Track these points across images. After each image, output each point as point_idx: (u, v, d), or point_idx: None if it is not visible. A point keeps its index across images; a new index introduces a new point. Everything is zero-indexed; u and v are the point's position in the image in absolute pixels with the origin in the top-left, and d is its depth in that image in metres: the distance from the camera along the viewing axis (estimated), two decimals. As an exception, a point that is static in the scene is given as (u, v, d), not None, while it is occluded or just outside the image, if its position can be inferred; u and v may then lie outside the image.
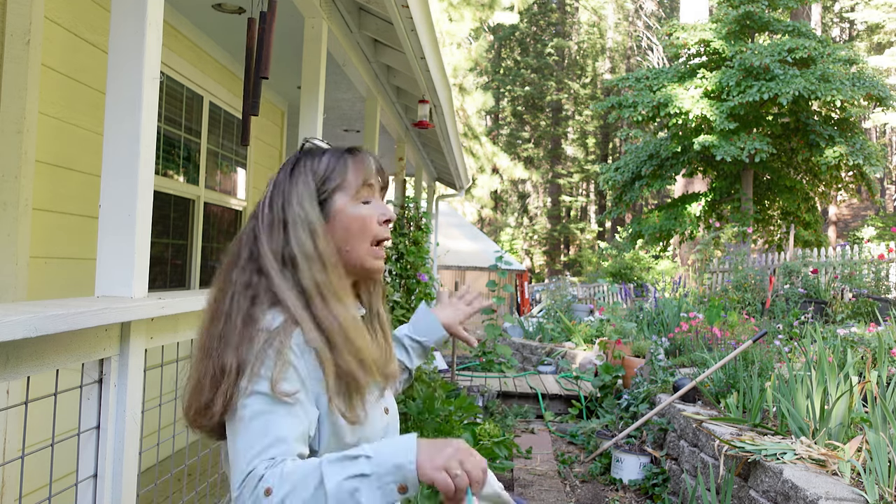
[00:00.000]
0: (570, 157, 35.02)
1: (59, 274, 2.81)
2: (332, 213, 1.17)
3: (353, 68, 4.31)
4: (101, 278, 1.66)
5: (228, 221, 4.94)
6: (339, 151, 1.21)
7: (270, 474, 0.94)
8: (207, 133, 4.42)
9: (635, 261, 15.45)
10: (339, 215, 1.17)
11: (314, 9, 3.31)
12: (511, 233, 32.44)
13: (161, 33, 1.77)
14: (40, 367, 1.33)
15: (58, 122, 2.74)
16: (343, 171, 1.18)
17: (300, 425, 1.02)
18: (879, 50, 24.54)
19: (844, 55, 12.35)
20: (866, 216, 25.46)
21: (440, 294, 1.62)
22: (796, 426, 3.16)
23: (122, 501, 1.56)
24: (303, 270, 1.11)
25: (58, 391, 1.47)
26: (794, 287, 6.93)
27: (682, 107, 12.21)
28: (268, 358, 1.03)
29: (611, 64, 35.01)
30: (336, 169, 1.18)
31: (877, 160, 12.00)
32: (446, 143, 7.20)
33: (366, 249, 1.17)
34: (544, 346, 9.30)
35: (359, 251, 1.17)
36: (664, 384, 4.76)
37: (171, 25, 3.73)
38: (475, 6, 17.76)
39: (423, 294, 4.76)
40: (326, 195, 1.17)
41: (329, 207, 1.17)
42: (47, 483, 1.44)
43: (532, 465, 4.72)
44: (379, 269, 1.20)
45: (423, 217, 4.85)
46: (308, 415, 1.04)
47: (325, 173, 1.18)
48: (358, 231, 1.17)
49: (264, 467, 0.96)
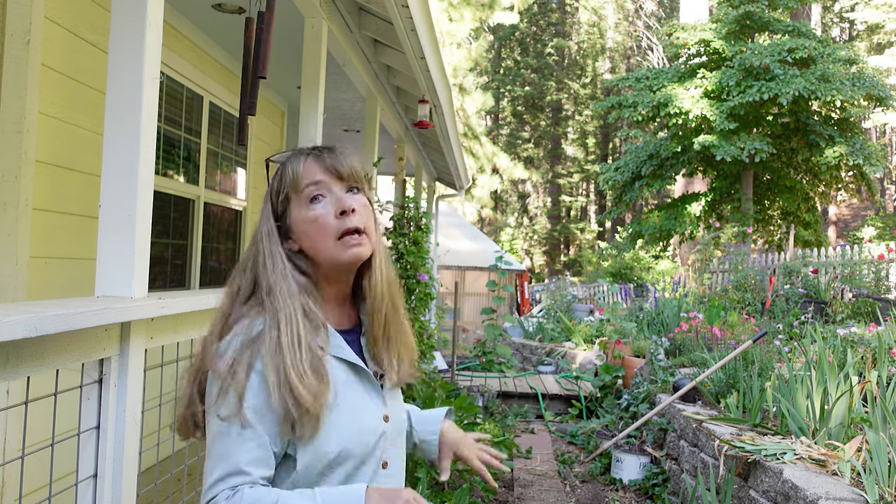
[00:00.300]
0: (570, 157, 35.01)
1: (59, 274, 2.81)
2: (291, 224, 1.16)
3: (353, 68, 4.31)
4: (101, 278, 1.66)
5: (228, 221, 4.94)
6: (285, 162, 1.19)
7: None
8: (207, 133, 4.42)
9: (635, 261, 15.44)
10: (294, 225, 1.16)
11: (314, 9, 3.31)
12: (511, 233, 32.43)
13: (161, 33, 1.77)
14: (40, 367, 1.33)
15: (58, 122, 2.74)
16: (286, 181, 1.17)
17: (257, 448, 1.05)
18: (879, 50, 24.54)
19: (844, 55, 12.35)
20: (866, 216, 25.46)
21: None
22: (796, 426, 3.16)
23: (122, 501, 1.56)
24: (275, 291, 1.11)
25: (58, 391, 1.47)
26: (794, 287, 6.93)
27: (682, 107, 12.21)
28: (225, 381, 1.07)
29: (611, 64, 35.01)
30: (282, 181, 1.17)
31: (877, 160, 12.00)
32: (446, 143, 7.20)
33: (332, 245, 1.14)
34: (544, 346, 9.30)
35: (327, 250, 1.14)
36: (664, 384, 4.76)
37: (171, 25, 3.73)
38: (475, 6, 17.76)
39: (422, 294, 4.77)
40: (282, 208, 1.17)
41: (287, 220, 1.17)
42: (47, 483, 1.44)
43: (532, 465, 4.72)
44: (355, 257, 1.15)
45: (423, 217, 4.85)
46: (265, 435, 1.06)
47: (276, 189, 1.18)
48: (316, 233, 1.14)
49: (224, 497, 1.02)
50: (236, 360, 1.07)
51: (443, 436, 1.40)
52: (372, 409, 1.16)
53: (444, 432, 1.40)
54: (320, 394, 1.06)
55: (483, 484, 3.79)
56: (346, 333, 1.20)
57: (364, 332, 1.22)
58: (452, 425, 1.43)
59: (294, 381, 1.04)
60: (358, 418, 1.12)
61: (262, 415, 1.05)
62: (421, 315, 4.81)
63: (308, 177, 1.15)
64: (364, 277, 1.22)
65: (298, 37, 3.64)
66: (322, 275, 1.17)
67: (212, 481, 1.04)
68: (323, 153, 1.18)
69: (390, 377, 1.21)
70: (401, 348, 1.23)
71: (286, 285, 1.12)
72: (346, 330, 1.21)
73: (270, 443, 1.06)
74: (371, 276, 1.21)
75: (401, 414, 1.24)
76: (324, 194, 1.15)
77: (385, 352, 1.21)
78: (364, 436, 1.12)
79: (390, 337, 1.22)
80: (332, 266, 1.15)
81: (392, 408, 1.20)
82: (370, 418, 1.14)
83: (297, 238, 1.16)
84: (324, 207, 1.15)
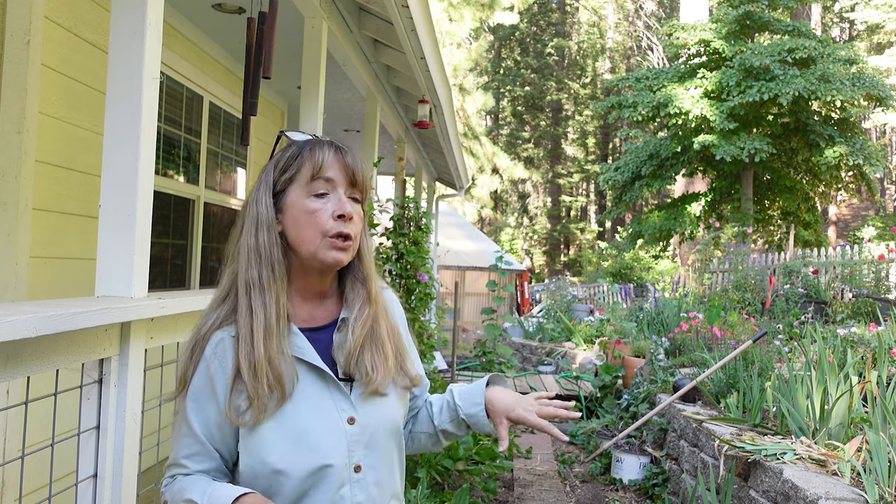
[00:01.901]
0: (570, 157, 35.01)
1: (59, 274, 2.81)
2: (285, 205, 1.16)
3: (353, 68, 4.31)
4: (101, 278, 1.66)
5: (228, 221, 4.94)
6: (304, 144, 1.19)
7: (167, 490, 1.16)
8: (207, 133, 4.42)
9: (635, 261, 15.44)
10: (289, 208, 1.16)
11: (314, 9, 3.31)
12: (511, 233, 32.42)
13: (161, 33, 1.77)
14: (40, 367, 1.33)
15: (58, 122, 2.74)
16: (299, 163, 1.16)
17: (194, 444, 1.13)
18: (879, 50, 24.54)
19: (844, 55, 12.34)
20: (866, 216, 25.47)
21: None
22: (796, 426, 3.16)
23: (122, 501, 1.56)
24: (242, 263, 1.14)
25: (58, 391, 1.47)
26: (794, 287, 6.93)
27: (682, 107, 12.21)
28: (181, 366, 1.16)
29: (611, 64, 35.01)
30: (294, 161, 1.17)
31: (877, 160, 12.00)
32: (446, 143, 7.19)
33: (319, 241, 1.14)
34: (544, 346, 9.30)
35: (311, 243, 1.14)
36: (664, 384, 4.76)
37: (171, 25, 3.73)
38: (475, 6, 17.76)
39: (423, 294, 4.76)
40: (282, 187, 1.17)
41: (282, 200, 1.16)
42: (47, 483, 1.44)
43: (532, 465, 4.72)
44: (335, 260, 1.15)
45: (423, 217, 4.85)
46: (201, 431, 1.14)
47: (283, 165, 1.17)
48: (306, 224, 1.14)
49: (164, 485, 1.16)
50: (189, 354, 1.15)
51: (491, 404, 1.29)
52: (331, 410, 1.13)
53: (491, 400, 1.29)
54: (272, 388, 1.10)
55: (483, 483, 3.78)
56: (316, 332, 1.19)
57: (338, 329, 1.20)
58: (503, 390, 1.32)
59: (246, 373, 1.09)
60: (311, 419, 1.11)
61: (203, 407, 1.13)
62: (421, 315, 4.81)
63: (327, 170, 1.15)
64: (347, 283, 1.24)
65: (298, 37, 3.64)
66: (297, 264, 1.17)
67: (167, 465, 1.17)
68: (345, 153, 1.19)
69: (361, 380, 1.17)
70: (382, 356, 1.20)
71: (266, 265, 1.13)
72: (318, 328, 1.20)
73: (209, 437, 1.13)
74: (354, 283, 1.23)
75: (381, 418, 1.18)
76: (329, 192, 1.16)
77: (350, 354, 1.18)
78: (318, 437, 1.11)
79: (364, 345, 1.19)
80: (308, 259, 1.15)
81: (365, 411, 1.16)
82: (327, 420, 1.12)
83: (282, 220, 1.16)
84: (324, 204, 1.15)
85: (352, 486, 1.13)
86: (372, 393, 1.18)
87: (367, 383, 1.17)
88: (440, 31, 17.06)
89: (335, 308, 1.23)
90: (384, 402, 1.20)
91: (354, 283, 1.23)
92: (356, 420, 1.15)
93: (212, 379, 1.12)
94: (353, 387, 1.17)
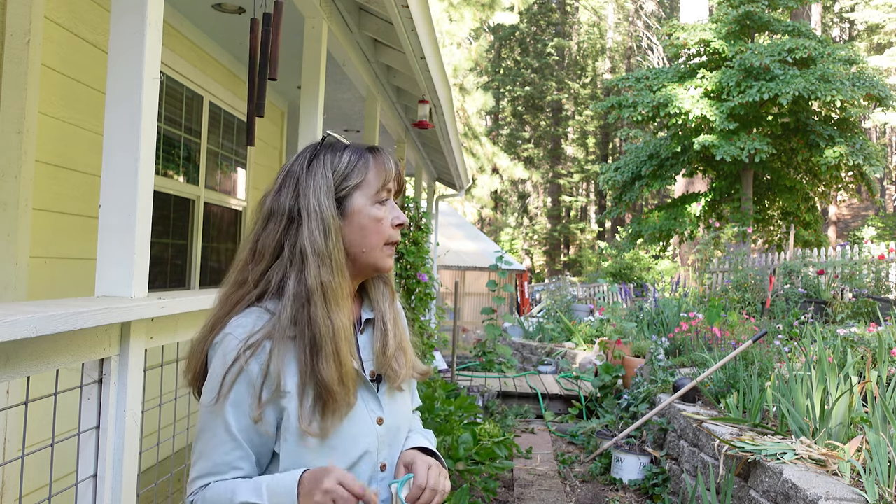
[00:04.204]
0: (570, 157, 35.01)
1: (59, 274, 2.81)
2: (350, 211, 1.15)
3: (353, 68, 4.31)
4: (101, 278, 1.66)
5: (228, 221, 4.94)
6: (361, 149, 1.19)
7: (200, 499, 1.09)
8: (207, 133, 4.42)
9: (635, 261, 15.44)
10: (356, 215, 1.15)
11: (314, 9, 3.30)
12: (511, 233, 32.42)
13: (161, 33, 1.77)
14: (40, 367, 1.33)
15: (58, 122, 2.74)
16: (364, 170, 1.16)
17: (237, 448, 1.08)
18: (879, 50, 24.54)
19: (844, 55, 12.35)
20: (866, 216, 25.47)
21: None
22: (796, 426, 3.16)
23: (122, 501, 1.56)
24: (310, 267, 1.09)
25: (58, 391, 1.47)
26: (794, 287, 6.93)
27: (682, 107, 12.21)
28: (218, 373, 1.09)
29: (611, 64, 35.00)
30: (357, 167, 1.16)
31: (877, 160, 12.00)
32: (446, 143, 7.19)
33: (380, 249, 1.17)
34: (544, 346, 9.30)
35: (372, 250, 1.16)
36: (664, 384, 4.76)
37: (171, 25, 3.73)
38: (475, 6, 17.75)
39: (423, 294, 4.76)
40: (345, 192, 1.15)
41: (347, 206, 1.15)
42: (47, 483, 1.44)
43: (532, 465, 4.72)
44: (390, 268, 1.20)
45: (424, 217, 4.85)
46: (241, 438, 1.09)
47: (345, 170, 1.16)
48: (373, 231, 1.16)
49: (194, 494, 1.10)
50: (234, 358, 1.09)
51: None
52: (363, 412, 1.14)
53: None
54: (355, 396, 1.11)
55: (483, 483, 3.79)
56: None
57: (361, 331, 1.21)
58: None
59: (336, 385, 1.07)
60: (349, 423, 1.11)
61: (245, 414, 1.08)
62: (421, 315, 4.81)
63: (392, 180, 1.19)
64: (370, 284, 1.25)
65: (298, 37, 3.64)
66: (353, 270, 1.18)
67: (192, 476, 1.10)
68: (398, 163, 1.23)
69: (390, 378, 1.19)
70: (404, 351, 1.23)
71: (338, 271, 1.11)
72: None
73: (249, 443, 1.09)
74: (377, 283, 1.25)
75: (401, 415, 1.21)
76: (389, 200, 1.19)
77: (387, 353, 1.20)
78: (356, 440, 1.12)
79: (389, 342, 1.21)
80: (365, 265, 1.17)
81: (389, 410, 1.18)
82: (362, 423, 1.13)
83: (347, 227, 1.15)
84: (385, 212, 1.18)
85: (377, 485, 1.15)
86: (396, 390, 1.21)
87: (394, 380, 1.19)
88: (440, 31, 17.07)
89: (354, 309, 1.24)
90: (403, 399, 1.23)
91: (378, 283, 1.25)
92: (384, 420, 1.17)
93: (257, 386, 1.07)
94: (378, 386, 1.19)
